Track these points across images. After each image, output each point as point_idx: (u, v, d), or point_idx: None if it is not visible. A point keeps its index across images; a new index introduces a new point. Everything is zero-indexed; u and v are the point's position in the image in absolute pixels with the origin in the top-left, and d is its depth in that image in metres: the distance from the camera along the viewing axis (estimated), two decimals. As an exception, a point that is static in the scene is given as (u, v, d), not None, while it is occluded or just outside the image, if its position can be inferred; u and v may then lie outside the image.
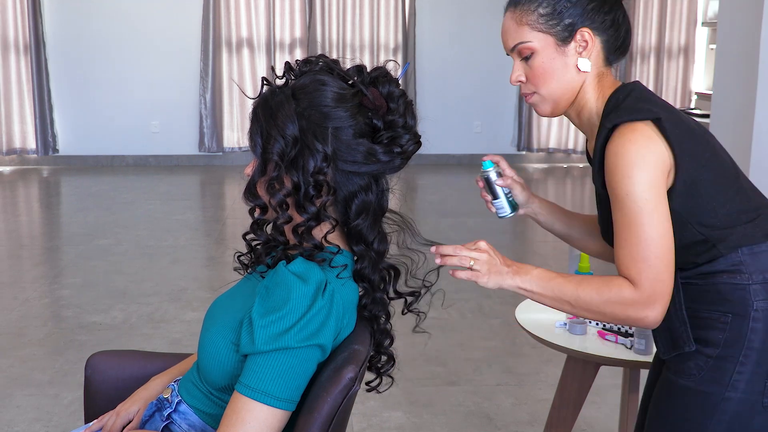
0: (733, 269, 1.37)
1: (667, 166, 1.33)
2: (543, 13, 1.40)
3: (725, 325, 1.37)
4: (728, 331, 1.36)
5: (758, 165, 3.93)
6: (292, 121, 1.29)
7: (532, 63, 1.42)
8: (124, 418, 1.53)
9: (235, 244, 5.00)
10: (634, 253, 1.32)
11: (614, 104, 1.39)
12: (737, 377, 1.36)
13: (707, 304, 1.39)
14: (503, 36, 1.46)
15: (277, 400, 1.21)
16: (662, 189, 1.33)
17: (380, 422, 2.80)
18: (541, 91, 1.44)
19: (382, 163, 1.34)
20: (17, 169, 7.88)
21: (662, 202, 1.32)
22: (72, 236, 5.48)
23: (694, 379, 1.39)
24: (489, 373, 3.23)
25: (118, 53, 7.88)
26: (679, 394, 1.41)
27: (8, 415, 2.83)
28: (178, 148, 8.17)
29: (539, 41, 1.41)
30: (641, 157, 1.31)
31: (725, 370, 1.36)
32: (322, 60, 1.37)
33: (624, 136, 1.33)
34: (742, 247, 1.37)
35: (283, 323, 1.22)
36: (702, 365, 1.38)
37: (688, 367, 1.40)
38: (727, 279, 1.37)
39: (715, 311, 1.38)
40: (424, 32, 8.11)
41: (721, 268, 1.37)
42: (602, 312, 1.36)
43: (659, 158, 1.32)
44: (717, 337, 1.37)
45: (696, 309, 1.40)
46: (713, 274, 1.38)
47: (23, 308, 3.92)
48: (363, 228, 1.36)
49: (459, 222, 5.74)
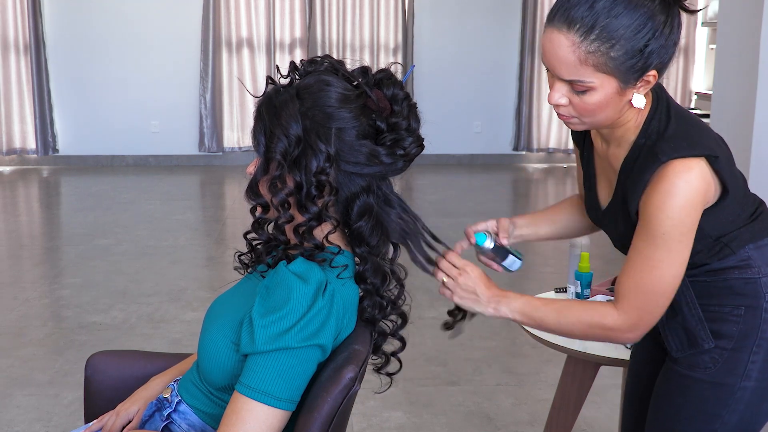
0: (743, 264, 1.39)
1: (710, 200, 1.33)
2: (614, 56, 1.23)
3: (739, 317, 1.39)
4: (742, 323, 1.38)
5: (758, 165, 3.93)
6: (295, 121, 1.29)
7: (584, 97, 1.29)
8: (123, 418, 1.53)
9: (235, 243, 5.00)
10: (641, 283, 1.33)
11: (659, 127, 1.33)
12: (751, 366, 1.38)
13: (717, 299, 1.41)
14: (551, 57, 1.27)
15: (277, 400, 1.21)
16: (696, 226, 1.32)
17: (380, 422, 2.80)
18: (584, 120, 1.33)
19: (384, 165, 1.34)
20: (17, 169, 7.88)
21: (690, 242, 1.32)
22: (72, 236, 5.47)
23: (709, 372, 1.40)
24: (489, 373, 3.23)
25: (118, 53, 7.88)
26: (695, 388, 1.42)
27: (8, 415, 2.83)
28: (178, 148, 8.17)
29: (601, 81, 1.26)
30: (690, 201, 1.28)
31: (740, 361, 1.39)
32: (327, 60, 1.37)
33: (679, 176, 1.27)
34: (748, 244, 1.39)
35: (283, 323, 1.22)
36: (717, 358, 1.40)
37: (703, 361, 1.41)
38: (738, 274, 1.39)
39: (726, 305, 1.40)
40: (423, 32, 8.11)
41: (731, 264, 1.39)
42: (584, 335, 1.41)
43: (707, 198, 1.32)
44: (732, 329, 1.39)
45: (705, 304, 1.41)
46: (723, 270, 1.40)
47: (23, 308, 3.92)
48: (365, 230, 1.35)
49: (459, 222, 5.74)
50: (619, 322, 1.35)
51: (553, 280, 4.19)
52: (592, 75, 1.25)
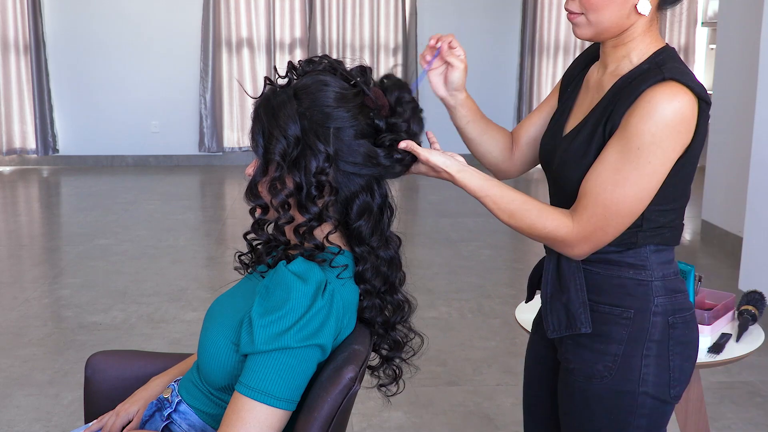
0: (639, 264, 1.38)
1: (681, 148, 1.30)
2: None
3: (628, 320, 1.38)
4: (631, 326, 1.37)
5: (758, 165, 3.93)
6: (294, 121, 1.29)
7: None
8: (123, 418, 1.53)
9: (235, 243, 5.01)
10: (602, 197, 1.31)
11: (665, 59, 1.34)
12: (645, 370, 1.38)
13: (608, 297, 1.39)
14: None
15: (277, 400, 1.21)
16: (669, 165, 1.30)
17: (380, 422, 2.81)
18: (589, 16, 1.36)
19: (382, 167, 1.34)
20: (17, 169, 7.88)
21: (660, 177, 1.30)
22: (72, 236, 5.48)
23: (606, 381, 1.39)
24: (489, 373, 3.23)
25: (118, 53, 7.88)
26: (597, 400, 1.41)
27: (8, 415, 2.83)
28: (178, 148, 8.17)
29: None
30: (676, 126, 1.27)
31: (633, 366, 1.38)
32: (325, 60, 1.36)
33: (676, 96, 1.27)
34: (650, 245, 1.38)
35: (282, 323, 1.21)
36: (611, 365, 1.38)
37: (598, 371, 1.40)
38: (633, 274, 1.38)
39: (616, 307, 1.38)
40: (424, 32, 8.11)
41: (630, 261, 1.38)
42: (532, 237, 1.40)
43: (686, 138, 1.30)
44: (620, 333, 1.38)
45: (596, 302, 1.40)
46: (619, 265, 1.38)
47: (23, 308, 3.92)
48: (364, 230, 1.35)
49: (459, 222, 5.74)
50: (572, 235, 1.33)
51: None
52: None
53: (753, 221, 3.99)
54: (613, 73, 1.41)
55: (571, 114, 1.49)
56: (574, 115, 1.48)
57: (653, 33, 1.39)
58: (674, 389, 1.41)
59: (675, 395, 1.42)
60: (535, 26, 8.27)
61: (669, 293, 1.39)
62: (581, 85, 1.50)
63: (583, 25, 1.38)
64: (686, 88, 1.28)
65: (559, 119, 1.50)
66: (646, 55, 1.37)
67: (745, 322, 2.13)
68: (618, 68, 1.40)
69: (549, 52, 8.49)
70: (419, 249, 4.98)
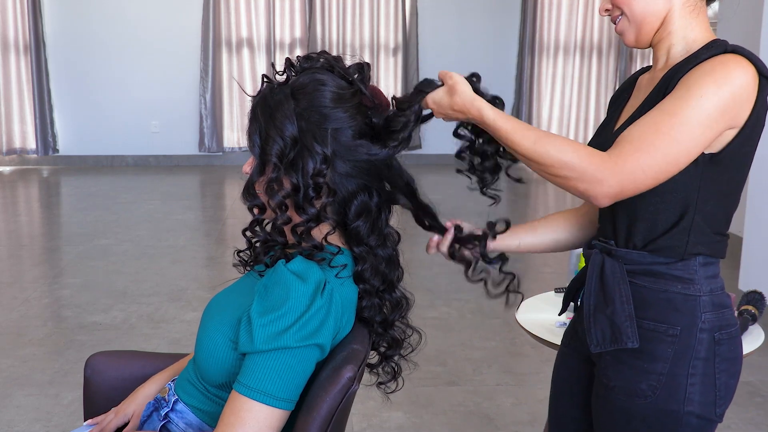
0: (687, 278, 1.33)
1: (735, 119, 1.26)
2: None
3: (674, 338, 1.32)
4: (677, 343, 1.32)
5: (758, 165, 3.93)
6: (291, 122, 1.28)
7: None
8: (121, 418, 1.53)
9: (235, 243, 4.99)
10: (644, 137, 1.23)
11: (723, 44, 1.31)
12: (691, 389, 1.33)
13: (654, 313, 1.34)
14: None
15: (276, 399, 1.21)
16: (721, 127, 1.24)
17: (380, 422, 2.80)
18: (625, 10, 1.35)
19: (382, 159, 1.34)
20: (17, 169, 7.88)
21: (704, 141, 1.24)
22: (72, 236, 5.48)
23: (650, 401, 1.34)
24: (489, 373, 3.23)
25: (117, 53, 7.88)
26: (640, 419, 1.35)
27: (8, 415, 2.83)
28: (178, 148, 8.17)
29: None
30: (733, 91, 1.23)
31: (679, 385, 1.33)
32: (323, 57, 1.35)
33: (738, 66, 1.24)
34: (700, 256, 1.33)
35: (281, 322, 1.21)
36: (655, 384, 1.33)
37: (641, 390, 1.34)
38: (681, 288, 1.32)
39: (662, 323, 1.33)
40: (425, 32, 8.11)
41: (677, 275, 1.33)
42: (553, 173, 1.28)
43: (745, 109, 1.25)
44: (666, 351, 1.33)
45: (640, 318, 1.34)
46: (666, 278, 1.33)
47: (23, 308, 3.92)
48: (362, 229, 1.35)
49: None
50: (607, 165, 1.23)
51: (553, 280, 4.19)
52: None
53: (753, 221, 3.99)
54: (664, 66, 1.37)
55: (621, 114, 1.45)
56: (625, 112, 1.44)
57: (701, 22, 1.36)
58: (720, 407, 1.36)
59: (720, 413, 1.37)
60: (534, 26, 8.27)
61: (716, 308, 1.34)
62: (632, 92, 1.47)
63: (626, 28, 1.38)
64: (749, 61, 1.26)
65: (608, 123, 1.46)
66: (699, 45, 1.33)
67: (745, 322, 2.13)
68: (669, 59, 1.37)
69: (548, 52, 8.48)
70: (419, 249, 4.97)
